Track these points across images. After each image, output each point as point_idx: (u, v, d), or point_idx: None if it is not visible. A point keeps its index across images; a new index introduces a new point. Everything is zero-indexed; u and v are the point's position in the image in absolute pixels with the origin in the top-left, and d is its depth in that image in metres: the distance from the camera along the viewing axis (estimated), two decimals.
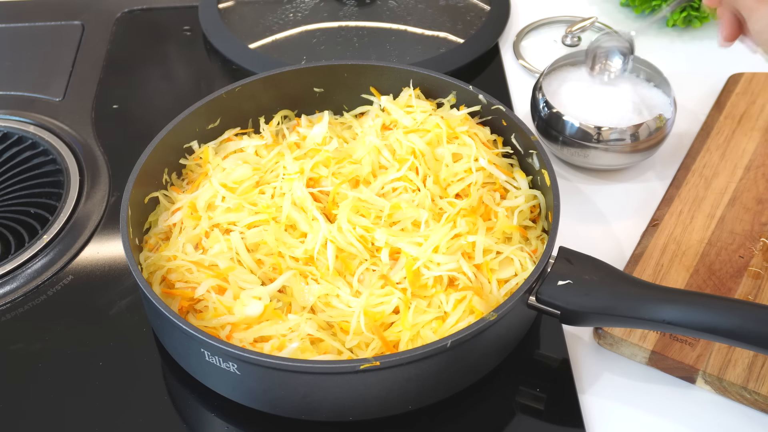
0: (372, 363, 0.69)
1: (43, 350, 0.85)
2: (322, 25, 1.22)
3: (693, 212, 0.92)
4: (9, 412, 0.80)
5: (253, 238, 0.82)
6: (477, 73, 1.15)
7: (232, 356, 0.71)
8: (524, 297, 0.75)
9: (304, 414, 0.75)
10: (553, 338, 0.84)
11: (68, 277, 0.91)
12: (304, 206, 0.84)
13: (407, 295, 0.77)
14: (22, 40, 1.22)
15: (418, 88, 0.96)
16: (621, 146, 0.95)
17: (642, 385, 0.81)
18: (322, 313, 0.78)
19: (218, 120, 0.93)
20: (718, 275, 0.86)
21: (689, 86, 1.10)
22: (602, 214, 0.96)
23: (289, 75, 0.95)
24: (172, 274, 0.80)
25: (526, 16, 1.24)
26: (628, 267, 0.88)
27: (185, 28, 1.24)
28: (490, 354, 0.78)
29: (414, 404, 0.76)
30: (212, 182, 0.87)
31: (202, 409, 0.80)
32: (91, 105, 1.11)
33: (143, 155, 0.85)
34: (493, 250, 0.81)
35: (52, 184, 1.01)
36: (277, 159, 0.90)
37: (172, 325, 0.73)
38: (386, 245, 0.80)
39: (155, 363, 0.83)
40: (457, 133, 0.89)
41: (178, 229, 0.85)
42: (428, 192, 0.85)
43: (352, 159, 0.89)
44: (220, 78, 1.16)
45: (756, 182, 0.95)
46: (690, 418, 0.78)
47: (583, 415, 0.78)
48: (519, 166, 0.91)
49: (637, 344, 0.81)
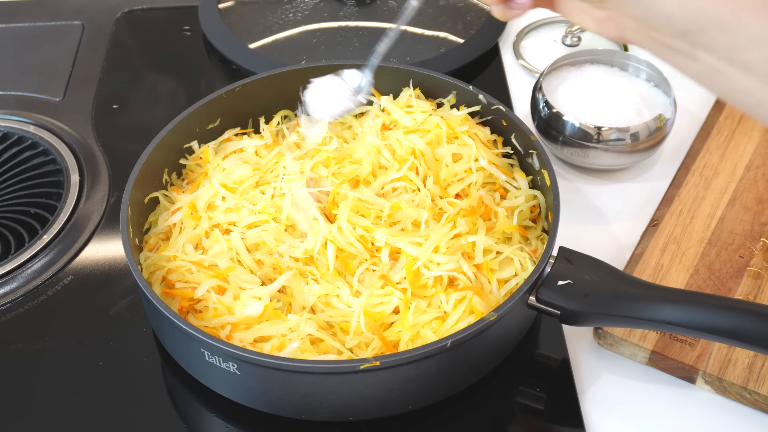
0: (372, 363, 0.69)
1: (43, 350, 0.85)
2: (322, 25, 1.22)
3: (693, 212, 0.92)
4: (9, 412, 0.80)
5: (253, 238, 0.82)
6: (477, 73, 1.15)
7: (232, 356, 0.71)
8: (524, 297, 0.75)
9: (304, 414, 0.75)
10: (553, 338, 0.84)
11: (68, 277, 0.91)
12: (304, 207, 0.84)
13: (407, 295, 0.77)
14: (22, 40, 1.22)
15: (418, 88, 0.96)
16: (621, 146, 0.95)
17: (642, 385, 0.81)
18: (322, 313, 0.78)
19: (218, 120, 0.94)
20: (718, 275, 0.86)
21: (689, 86, 1.09)
22: (602, 214, 0.96)
23: (289, 75, 0.95)
24: (172, 275, 0.80)
25: (526, 16, 1.23)
26: (628, 267, 0.88)
27: (185, 28, 1.24)
28: (490, 354, 0.78)
29: (414, 404, 0.76)
30: (212, 182, 0.87)
31: (202, 409, 0.80)
32: (91, 105, 1.11)
33: (143, 155, 0.85)
34: (493, 250, 0.81)
35: (52, 184, 1.01)
36: (277, 159, 0.90)
37: (172, 325, 0.73)
38: (386, 245, 0.80)
39: (155, 363, 0.83)
40: (457, 133, 0.89)
41: (178, 229, 0.85)
42: (428, 192, 0.85)
43: (352, 159, 0.89)
44: (220, 78, 1.16)
45: (756, 182, 0.95)
46: (690, 418, 0.78)
47: (583, 414, 0.78)
48: (519, 166, 0.91)
49: (637, 344, 0.81)
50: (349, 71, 0.84)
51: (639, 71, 1.00)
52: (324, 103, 0.84)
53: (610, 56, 1.01)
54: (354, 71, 0.84)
